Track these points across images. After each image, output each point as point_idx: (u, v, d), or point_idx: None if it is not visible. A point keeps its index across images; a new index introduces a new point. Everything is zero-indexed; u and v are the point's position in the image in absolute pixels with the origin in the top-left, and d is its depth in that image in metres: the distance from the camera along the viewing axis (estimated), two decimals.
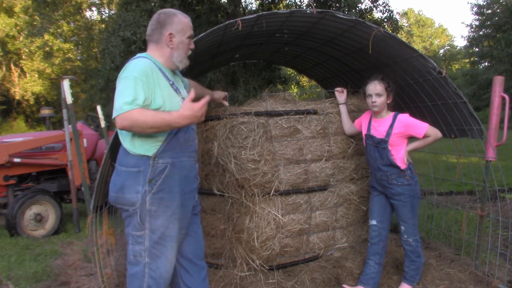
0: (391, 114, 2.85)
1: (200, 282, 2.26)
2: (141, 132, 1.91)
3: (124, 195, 2.02)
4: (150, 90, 1.93)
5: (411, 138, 2.85)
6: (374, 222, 2.95)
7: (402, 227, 2.87)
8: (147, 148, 2.00)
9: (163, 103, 1.98)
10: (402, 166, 2.77)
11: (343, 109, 3.26)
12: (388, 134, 2.77)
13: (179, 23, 2.09)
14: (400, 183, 2.79)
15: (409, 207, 2.82)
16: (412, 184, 2.80)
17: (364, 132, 2.96)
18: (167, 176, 2.02)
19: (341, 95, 3.29)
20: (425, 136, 2.77)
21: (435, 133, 2.79)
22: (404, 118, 2.81)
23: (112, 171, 2.15)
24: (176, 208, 2.06)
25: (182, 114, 1.87)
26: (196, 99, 1.93)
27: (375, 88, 2.80)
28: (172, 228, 2.06)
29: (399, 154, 2.79)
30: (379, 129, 2.84)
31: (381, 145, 2.80)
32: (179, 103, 2.06)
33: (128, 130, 1.91)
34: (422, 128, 2.76)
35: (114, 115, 1.86)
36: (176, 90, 2.10)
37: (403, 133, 2.78)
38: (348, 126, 3.22)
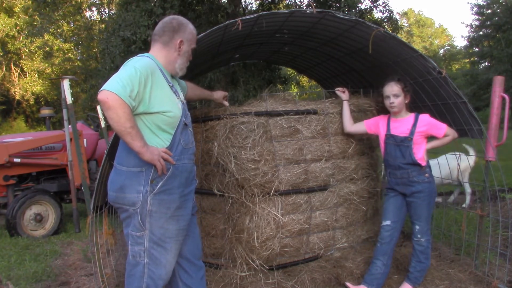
0: (412, 114, 2.93)
1: (198, 281, 2.29)
2: (108, 119, 1.88)
3: (124, 194, 2.02)
4: (147, 88, 1.93)
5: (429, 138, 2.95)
6: (388, 222, 2.95)
7: (417, 227, 2.89)
8: None
9: (161, 103, 2.00)
10: (423, 163, 2.84)
11: (346, 105, 3.26)
12: (412, 132, 2.85)
13: (190, 33, 2.18)
14: (421, 180, 2.84)
15: (426, 205, 2.87)
16: (431, 182, 2.88)
17: (383, 132, 3.00)
18: (169, 177, 2.04)
19: (343, 93, 3.31)
20: (444, 136, 2.88)
21: (453, 133, 2.93)
22: (426, 117, 2.90)
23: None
24: (175, 209, 2.07)
25: (144, 152, 1.92)
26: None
27: (392, 89, 2.86)
28: (171, 230, 2.07)
29: (420, 152, 2.86)
30: (400, 129, 2.90)
31: (404, 143, 2.86)
32: (178, 105, 2.10)
33: (102, 109, 1.87)
34: (442, 128, 2.88)
35: (105, 87, 1.81)
36: (175, 93, 2.14)
37: (425, 132, 2.86)
38: (350, 123, 3.22)
